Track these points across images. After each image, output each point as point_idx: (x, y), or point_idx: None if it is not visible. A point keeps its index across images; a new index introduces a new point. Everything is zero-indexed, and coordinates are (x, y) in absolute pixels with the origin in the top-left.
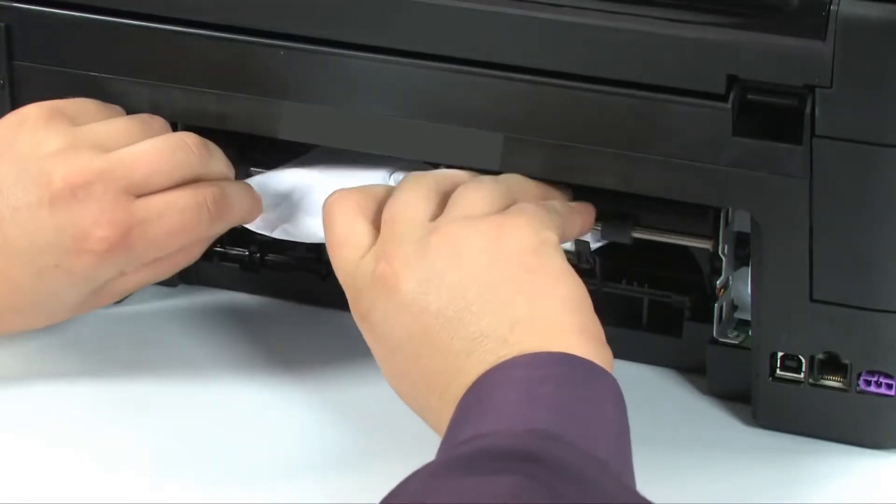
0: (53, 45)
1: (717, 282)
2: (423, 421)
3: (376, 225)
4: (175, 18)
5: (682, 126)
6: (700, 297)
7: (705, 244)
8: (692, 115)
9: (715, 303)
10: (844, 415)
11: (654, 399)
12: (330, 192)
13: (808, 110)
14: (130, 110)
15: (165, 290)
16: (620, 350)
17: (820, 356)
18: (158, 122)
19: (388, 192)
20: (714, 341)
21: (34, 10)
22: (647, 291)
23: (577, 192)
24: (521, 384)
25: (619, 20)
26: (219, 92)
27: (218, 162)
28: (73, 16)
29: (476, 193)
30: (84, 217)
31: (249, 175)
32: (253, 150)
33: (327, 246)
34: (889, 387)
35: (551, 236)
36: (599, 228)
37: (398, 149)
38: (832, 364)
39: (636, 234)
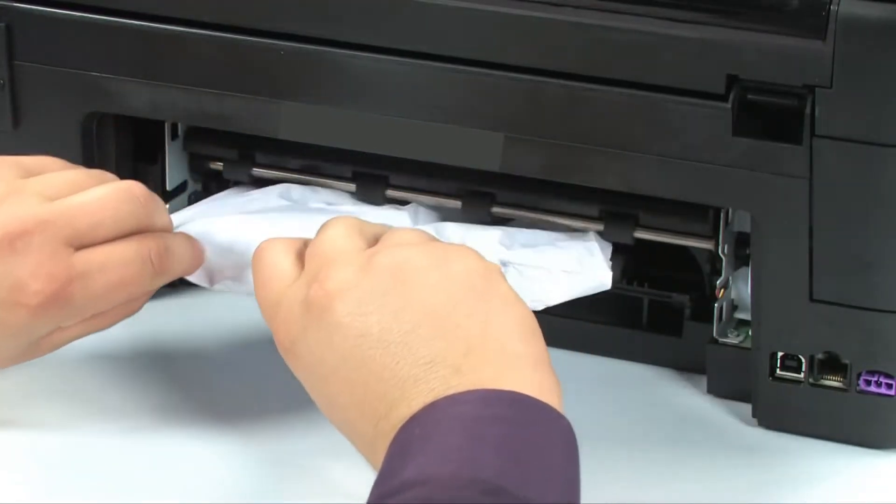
0: (53, 45)
1: (717, 282)
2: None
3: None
4: (175, 18)
5: (682, 126)
6: (700, 297)
7: (705, 244)
8: (692, 114)
9: (715, 303)
10: (844, 415)
11: (654, 399)
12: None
13: (808, 110)
14: (130, 110)
15: (165, 289)
16: (620, 350)
17: (820, 356)
18: (110, 177)
19: None
20: (714, 341)
21: (34, 10)
22: (647, 291)
23: (578, 192)
24: (469, 423)
25: (619, 20)
26: (219, 92)
27: (162, 214)
28: (73, 16)
29: (407, 231)
30: (21, 269)
31: (251, 175)
32: (253, 150)
33: (255, 288)
34: (889, 387)
35: (494, 265)
36: (600, 229)
37: (398, 149)
38: (832, 364)
39: (636, 234)
